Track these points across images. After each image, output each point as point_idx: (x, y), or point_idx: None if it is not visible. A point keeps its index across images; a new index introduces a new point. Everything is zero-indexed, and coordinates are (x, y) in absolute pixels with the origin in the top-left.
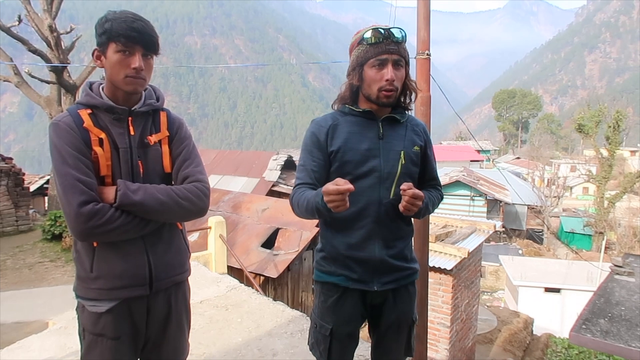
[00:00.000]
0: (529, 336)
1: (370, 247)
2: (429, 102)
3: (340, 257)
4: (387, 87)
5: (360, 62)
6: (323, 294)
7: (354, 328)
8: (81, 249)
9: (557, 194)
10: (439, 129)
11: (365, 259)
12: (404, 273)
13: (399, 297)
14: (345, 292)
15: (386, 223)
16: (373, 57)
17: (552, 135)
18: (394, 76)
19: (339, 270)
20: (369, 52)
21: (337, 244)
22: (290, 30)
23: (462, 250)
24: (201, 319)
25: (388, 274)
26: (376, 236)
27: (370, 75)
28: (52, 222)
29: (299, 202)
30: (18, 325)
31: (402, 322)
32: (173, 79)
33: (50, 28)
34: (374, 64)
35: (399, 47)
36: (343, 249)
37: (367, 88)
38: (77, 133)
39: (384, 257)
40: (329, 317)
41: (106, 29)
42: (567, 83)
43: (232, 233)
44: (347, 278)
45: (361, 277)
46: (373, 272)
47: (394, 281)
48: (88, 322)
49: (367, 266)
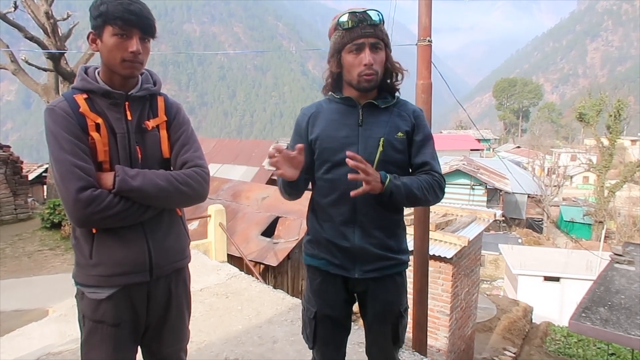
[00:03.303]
0: (528, 324)
1: (349, 235)
2: (430, 89)
3: (323, 241)
4: (366, 71)
5: (338, 49)
6: (309, 278)
7: (338, 313)
8: (80, 236)
9: (557, 183)
10: (440, 117)
11: (345, 247)
12: (387, 263)
13: (384, 287)
14: (327, 276)
15: (365, 211)
16: (349, 42)
17: (553, 124)
18: (372, 60)
19: (321, 254)
20: (345, 37)
21: (319, 228)
22: (289, 18)
23: (462, 238)
24: (201, 306)
25: (370, 262)
26: (355, 224)
27: (349, 60)
28: (51, 210)
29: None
30: (18, 313)
31: (387, 312)
32: (172, 67)
33: (46, 15)
34: (351, 49)
35: (376, 30)
36: (324, 234)
37: (347, 74)
38: (73, 118)
39: (365, 245)
40: (314, 300)
41: (102, 11)
42: (569, 72)
43: (232, 221)
44: (328, 262)
45: (342, 263)
46: (354, 260)
47: (377, 270)
48: (88, 309)
49: (348, 253)
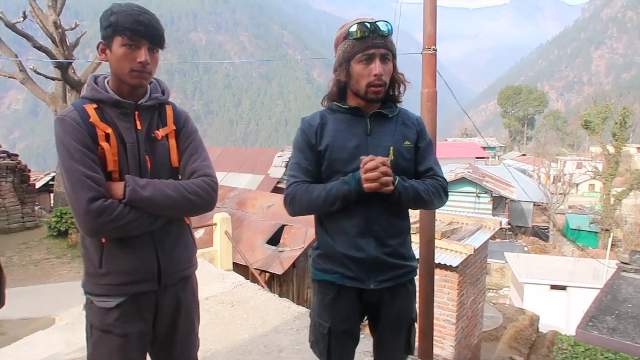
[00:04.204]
0: (535, 333)
1: (364, 246)
2: (435, 97)
3: (335, 254)
4: (375, 82)
5: (347, 58)
6: (320, 292)
7: (352, 326)
8: (89, 245)
9: (563, 191)
10: (445, 125)
11: (360, 258)
12: (400, 271)
13: (397, 295)
14: (341, 290)
15: (378, 220)
16: (360, 52)
17: (558, 132)
18: (382, 71)
19: (334, 268)
20: (356, 47)
21: (332, 242)
22: (295, 26)
23: (468, 247)
24: (207, 315)
25: (384, 272)
26: (369, 234)
27: (358, 70)
28: (57, 218)
29: (310, 196)
30: (24, 322)
31: (401, 320)
32: (178, 75)
33: (55, 24)
34: (361, 59)
35: (386, 41)
36: (338, 247)
37: (355, 84)
38: (83, 128)
39: (379, 255)
40: (327, 315)
41: (111, 22)
42: (574, 79)
43: (238, 230)
44: (343, 276)
45: (357, 275)
46: (369, 271)
47: (391, 279)
48: (96, 318)
49: (363, 265)
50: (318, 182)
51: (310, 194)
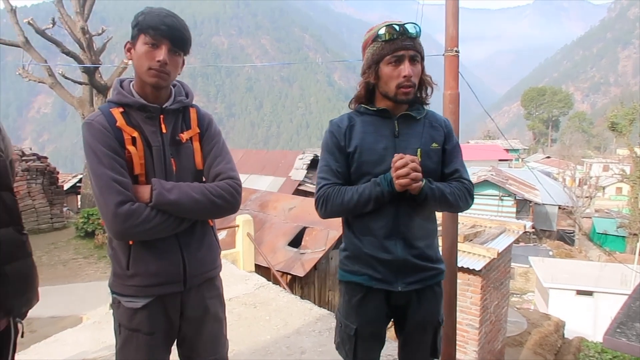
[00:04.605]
0: (560, 339)
1: (392, 248)
2: (458, 99)
3: (363, 256)
4: (404, 83)
5: (376, 60)
6: (347, 294)
7: (378, 328)
8: (117, 247)
9: (589, 194)
10: (467, 127)
11: (388, 260)
12: (428, 273)
13: (424, 298)
14: (369, 292)
15: (406, 222)
16: (389, 53)
17: (584, 134)
18: (411, 72)
19: (362, 270)
20: (385, 48)
21: (359, 243)
22: (315, 29)
23: (491, 250)
24: (230, 316)
25: (412, 274)
26: (397, 236)
27: (387, 72)
28: (85, 219)
29: (343, 198)
30: (54, 320)
31: (428, 323)
32: (200, 79)
33: (82, 30)
34: (390, 61)
35: (415, 43)
36: (365, 248)
37: (384, 86)
38: (110, 132)
39: (407, 257)
40: (354, 316)
41: (139, 21)
42: (600, 80)
43: (260, 231)
44: (370, 277)
45: (385, 277)
46: (397, 273)
47: (419, 281)
48: (124, 318)
49: (391, 267)
50: (347, 184)
51: (342, 196)
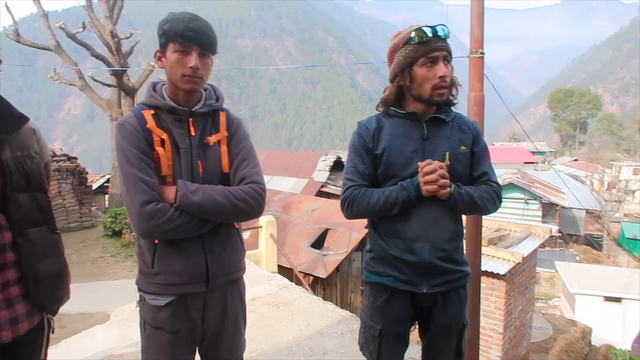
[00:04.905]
0: (587, 346)
1: (418, 250)
2: (483, 101)
3: (389, 257)
4: (440, 84)
5: (409, 63)
6: (372, 295)
7: (403, 329)
8: (143, 245)
9: (618, 198)
10: (491, 129)
11: (414, 262)
12: (454, 276)
13: (450, 300)
14: (394, 293)
15: (433, 225)
16: (424, 55)
17: (613, 136)
18: (447, 72)
19: (388, 271)
20: (419, 51)
21: (385, 245)
22: (339, 31)
23: (516, 254)
24: (253, 315)
25: (438, 276)
26: (424, 238)
27: (422, 74)
28: (112, 219)
29: (369, 200)
30: (82, 316)
31: (453, 325)
32: (225, 81)
33: (111, 34)
34: (424, 63)
35: (446, 44)
36: (391, 250)
37: (418, 88)
38: (140, 134)
39: (433, 259)
40: (378, 317)
41: (165, 30)
42: (630, 81)
43: (282, 232)
44: (396, 279)
45: (410, 279)
46: (422, 275)
47: (444, 284)
48: (148, 315)
49: (416, 268)
50: (374, 186)
51: (368, 198)
